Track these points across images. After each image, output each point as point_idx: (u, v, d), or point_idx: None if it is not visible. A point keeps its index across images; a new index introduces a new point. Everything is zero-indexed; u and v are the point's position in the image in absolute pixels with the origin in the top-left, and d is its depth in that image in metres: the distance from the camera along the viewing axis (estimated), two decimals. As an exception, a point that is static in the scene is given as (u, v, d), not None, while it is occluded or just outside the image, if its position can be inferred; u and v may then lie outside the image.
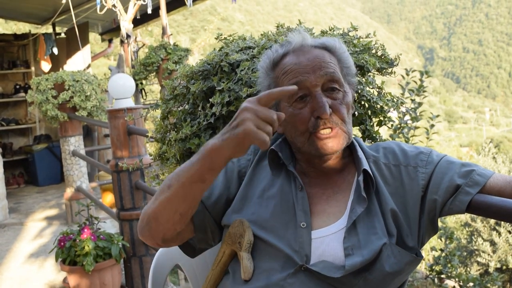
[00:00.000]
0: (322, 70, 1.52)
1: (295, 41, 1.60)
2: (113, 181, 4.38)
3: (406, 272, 1.52)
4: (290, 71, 1.54)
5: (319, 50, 1.58)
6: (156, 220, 1.50)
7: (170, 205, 1.47)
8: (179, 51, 7.71)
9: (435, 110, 69.22)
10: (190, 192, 1.43)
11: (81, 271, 4.21)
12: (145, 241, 1.58)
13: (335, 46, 1.61)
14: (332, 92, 1.54)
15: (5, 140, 9.92)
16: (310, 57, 1.55)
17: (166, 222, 1.50)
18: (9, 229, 6.60)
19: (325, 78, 1.52)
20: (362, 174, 1.53)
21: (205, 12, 68.98)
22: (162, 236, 1.53)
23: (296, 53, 1.57)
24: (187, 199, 1.45)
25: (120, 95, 4.30)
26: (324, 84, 1.52)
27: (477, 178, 1.50)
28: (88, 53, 10.47)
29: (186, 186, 1.41)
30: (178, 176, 1.42)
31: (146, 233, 1.55)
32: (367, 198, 1.51)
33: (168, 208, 1.47)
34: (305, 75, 1.52)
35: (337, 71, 1.56)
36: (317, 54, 1.56)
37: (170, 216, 1.48)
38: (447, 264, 6.02)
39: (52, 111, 6.33)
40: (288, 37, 1.65)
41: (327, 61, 1.55)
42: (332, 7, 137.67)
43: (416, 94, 5.53)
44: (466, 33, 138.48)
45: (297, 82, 1.51)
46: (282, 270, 1.46)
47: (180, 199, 1.45)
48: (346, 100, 1.56)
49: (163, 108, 2.14)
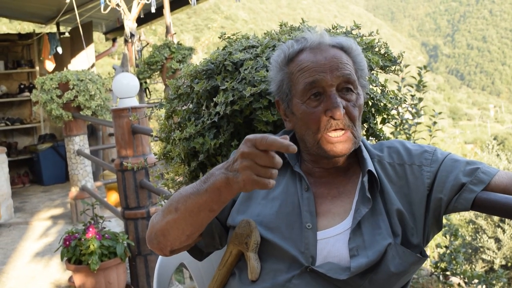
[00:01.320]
0: (339, 71, 1.51)
1: (313, 38, 1.58)
2: (117, 180, 4.39)
3: (411, 272, 1.52)
4: (306, 69, 1.53)
5: (336, 50, 1.57)
6: (164, 236, 1.53)
7: (177, 226, 1.48)
8: (183, 50, 7.71)
9: (440, 107, 69.14)
10: (198, 219, 1.43)
11: (86, 270, 4.22)
12: (153, 250, 1.60)
13: (351, 47, 1.60)
14: (346, 93, 1.53)
15: (10, 140, 9.95)
16: (328, 56, 1.53)
17: (174, 240, 1.52)
18: (14, 228, 6.62)
19: (341, 79, 1.51)
20: (366, 175, 1.53)
21: (209, 11, 68.95)
22: (170, 249, 1.56)
23: (313, 51, 1.56)
24: (194, 224, 1.45)
25: (125, 94, 4.31)
26: (339, 84, 1.52)
27: (482, 176, 1.50)
28: (92, 52, 10.48)
29: (193, 213, 1.41)
30: (185, 202, 1.41)
31: (155, 245, 1.57)
32: (371, 198, 1.51)
33: (175, 229, 1.48)
34: (322, 74, 1.50)
35: (353, 73, 1.55)
36: (335, 53, 1.55)
37: (178, 235, 1.50)
38: (452, 261, 6.02)
39: (57, 110, 6.34)
40: (304, 33, 1.64)
41: (344, 62, 1.54)
42: (336, 4, 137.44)
43: (416, 90, 5.50)
44: (470, 30, 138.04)
45: (313, 81, 1.50)
46: (288, 271, 1.47)
47: (188, 223, 1.45)
48: (359, 102, 1.55)
49: (167, 107, 2.15)
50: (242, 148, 1.25)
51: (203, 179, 1.36)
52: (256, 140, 1.22)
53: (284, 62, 1.60)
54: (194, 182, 1.43)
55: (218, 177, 1.30)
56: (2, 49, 10.17)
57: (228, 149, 1.93)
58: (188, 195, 1.40)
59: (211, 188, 1.32)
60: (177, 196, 1.45)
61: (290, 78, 1.58)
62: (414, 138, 5.33)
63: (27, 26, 15.31)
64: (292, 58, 1.59)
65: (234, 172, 1.26)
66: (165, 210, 1.50)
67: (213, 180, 1.32)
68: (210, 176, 1.33)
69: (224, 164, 1.31)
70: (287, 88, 1.59)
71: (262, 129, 1.87)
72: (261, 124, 1.88)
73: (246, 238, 1.51)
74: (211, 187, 1.32)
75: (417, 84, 5.49)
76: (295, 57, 1.58)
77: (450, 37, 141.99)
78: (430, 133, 5.61)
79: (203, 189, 1.35)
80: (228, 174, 1.28)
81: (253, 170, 1.23)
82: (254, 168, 1.23)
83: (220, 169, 1.31)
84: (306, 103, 1.53)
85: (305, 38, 1.59)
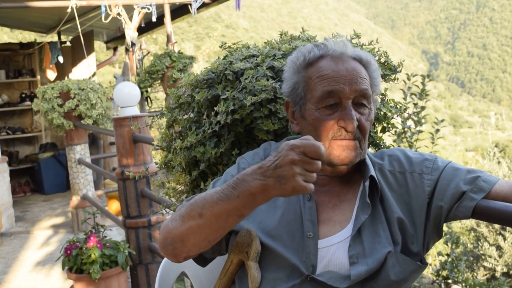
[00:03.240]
0: (358, 85, 1.52)
1: (334, 47, 1.58)
2: (119, 189, 4.39)
3: (411, 280, 1.52)
4: (326, 77, 1.53)
5: (356, 63, 1.57)
6: (183, 242, 1.48)
7: (200, 232, 1.44)
8: (184, 58, 7.74)
9: (440, 115, 69.07)
10: (225, 224, 1.41)
11: (87, 279, 4.22)
12: (165, 256, 1.56)
13: (370, 62, 1.61)
14: (360, 107, 1.54)
15: (11, 149, 9.96)
16: (349, 68, 1.54)
17: (193, 246, 1.48)
18: (15, 238, 6.62)
19: (359, 93, 1.52)
20: (368, 180, 1.54)
21: (210, 19, 69.13)
22: (185, 256, 1.51)
23: (334, 60, 1.56)
24: (220, 230, 1.43)
25: (126, 103, 4.31)
26: (355, 97, 1.52)
27: (483, 184, 1.51)
28: (93, 61, 10.51)
29: (221, 219, 1.39)
30: (212, 207, 1.38)
31: (170, 252, 1.52)
32: (372, 205, 1.52)
33: (198, 235, 1.45)
34: (341, 85, 1.51)
35: (369, 88, 1.56)
36: (355, 66, 1.55)
37: (199, 242, 1.46)
38: (454, 269, 6.00)
39: (58, 119, 6.36)
40: (325, 40, 1.64)
41: (363, 76, 1.55)
42: (336, 13, 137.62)
43: (418, 98, 5.51)
44: (470, 37, 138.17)
45: (332, 91, 1.51)
46: (288, 280, 1.47)
47: (213, 229, 1.42)
48: (370, 117, 1.57)
49: (168, 116, 2.16)
50: (291, 155, 1.25)
51: (232, 184, 1.34)
52: (305, 148, 1.25)
53: (302, 65, 1.60)
54: (214, 188, 1.41)
55: (253, 183, 1.30)
56: (3, 59, 10.21)
57: (229, 158, 1.93)
58: (215, 201, 1.37)
59: (244, 194, 1.31)
60: (201, 201, 1.41)
61: (307, 83, 1.58)
62: (416, 146, 5.34)
63: (29, 36, 15.40)
64: (311, 63, 1.58)
65: (277, 178, 1.26)
66: (185, 215, 1.45)
67: (246, 186, 1.31)
68: (241, 182, 1.32)
69: (257, 170, 1.30)
70: (302, 91, 1.58)
71: (263, 138, 1.88)
72: (262, 133, 1.88)
73: (246, 247, 1.51)
74: (244, 193, 1.31)
75: (419, 93, 5.50)
76: (315, 62, 1.58)
77: (450, 45, 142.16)
78: (432, 141, 5.61)
79: (234, 195, 1.33)
80: (268, 180, 1.27)
81: (304, 177, 1.25)
82: (305, 175, 1.25)
83: (253, 175, 1.30)
84: (320, 110, 1.53)
85: (325, 45, 1.59)
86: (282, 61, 1.92)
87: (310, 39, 2.13)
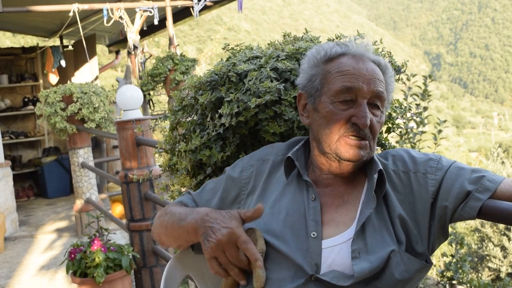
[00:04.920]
0: (375, 86, 1.55)
1: (356, 48, 1.62)
2: (122, 192, 4.39)
3: (416, 279, 1.51)
4: (347, 73, 1.55)
5: (375, 66, 1.61)
6: (160, 240, 1.75)
7: (167, 239, 1.70)
8: (186, 61, 7.74)
9: (443, 115, 69.05)
10: (181, 242, 1.65)
11: (92, 283, 4.21)
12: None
13: (388, 68, 1.65)
14: (374, 108, 1.56)
15: (14, 153, 9.97)
16: (369, 69, 1.57)
17: (170, 244, 1.74)
18: (19, 242, 6.62)
19: (375, 94, 1.55)
20: (377, 173, 1.54)
21: (211, 22, 69.16)
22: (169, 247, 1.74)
23: (355, 58, 1.59)
24: (181, 244, 1.68)
25: (128, 106, 4.32)
26: (371, 98, 1.55)
27: (488, 184, 1.50)
28: (95, 65, 10.52)
29: (176, 238, 1.64)
30: (171, 226, 1.64)
31: (157, 241, 1.79)
32: (377, 201, 1.51)
33: (167, 241, 1.72)
34: (360, 83, 1.54)
35: (385, 92, 1.59)
36: (375, 68, 1.59)
37: (171, 244, 1.73)
38: (458, 270, 5.99)
39: (61, 123, 6.36)
40: (346, 40, 1.68)
41: (381, 79, 1.59)
42: (338, 15, 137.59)
43: (421, 99, 5.51)
44: (472, 38, 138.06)
45: (351, 87, 1.53)
46: (292, 280, 1.46)
47: (175, 242, 1.68)
48: (381, 120, 1.59)
49: (172, 119, 2.15)
50: (220, 236, 1.44)
51: (189, 211, 1.59)
52: (239, 238, 1.44)
53: (323, 59, 1.62)
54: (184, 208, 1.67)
55: (192, 222, 1.53)
56: (6, 63, 10.23)
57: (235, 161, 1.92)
58: (175, 221, 1.62)
59: (184, 227, 1.56)
60: (169, 215, 1.67)
61: (325, 76, 1.60)
62: (419, 147, 5.33)
63: (31, 40, 15.42)
64: (332, 58, 1.61)
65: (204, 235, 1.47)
66: (160, 222, 1.72)
67: (189, 220, 1.54)
68: (191, 213, 1.56)
69: (205, 216, 1.50)
70: (319, 84, 1.60)
71: (269, 139, 1.87)
72: (268, 134, 1.88)
73: None
74: (185, 226, 1.56)
75: (422, 93, 5.50)
76: (336, 58, 1.61)
77: (452, 46, 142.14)
78: (435, 142, 5.60)
79: (181, 225, 1.58)
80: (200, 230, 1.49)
81: (220, 259, 1.45)
82: (221, 258, 1.45)
83: (198, 214, 1.53)
84: (336, 104, 1.55)
85: (346, 45, 1.63)
86: (285, 62, 1.91)
87: (313, 40, 2.13)
